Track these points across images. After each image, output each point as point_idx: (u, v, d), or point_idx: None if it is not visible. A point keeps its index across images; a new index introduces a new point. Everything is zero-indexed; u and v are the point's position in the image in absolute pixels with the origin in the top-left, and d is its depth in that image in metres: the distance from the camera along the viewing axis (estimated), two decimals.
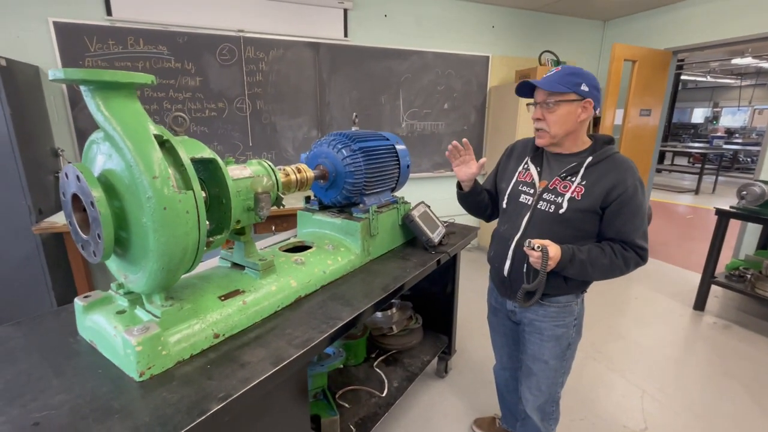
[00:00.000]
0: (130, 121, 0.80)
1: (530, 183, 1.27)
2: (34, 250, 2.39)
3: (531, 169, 1.28)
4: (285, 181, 1.29)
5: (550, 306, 1.27)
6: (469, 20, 3.84)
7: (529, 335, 1.34)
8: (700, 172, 8.20)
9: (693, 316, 2.92)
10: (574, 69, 1.16)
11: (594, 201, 1.14)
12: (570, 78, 1.14)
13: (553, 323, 1.27)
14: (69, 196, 0.88)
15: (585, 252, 1.15)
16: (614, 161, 1.17)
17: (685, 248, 4.46)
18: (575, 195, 1.16)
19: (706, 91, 14.81)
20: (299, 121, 3.35)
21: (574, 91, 1.13)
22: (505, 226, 1.32)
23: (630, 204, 1.14)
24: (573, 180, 1.18)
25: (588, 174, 1.17)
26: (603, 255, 1.15)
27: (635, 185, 1.14)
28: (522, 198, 1.27)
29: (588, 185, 1.16)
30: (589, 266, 1.15)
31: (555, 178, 1.21)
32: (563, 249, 1.14)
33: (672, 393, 2.08)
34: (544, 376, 1.33)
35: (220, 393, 0.81)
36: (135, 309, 0.97)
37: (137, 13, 2.72)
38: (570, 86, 1.13)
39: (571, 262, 1.14)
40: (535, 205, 1.22)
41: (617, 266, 1.16)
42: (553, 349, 1.29)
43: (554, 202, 1.19)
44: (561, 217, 1.17)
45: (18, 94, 2.28)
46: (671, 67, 3.97)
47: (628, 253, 1.16)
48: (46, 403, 0.78)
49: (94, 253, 0.86)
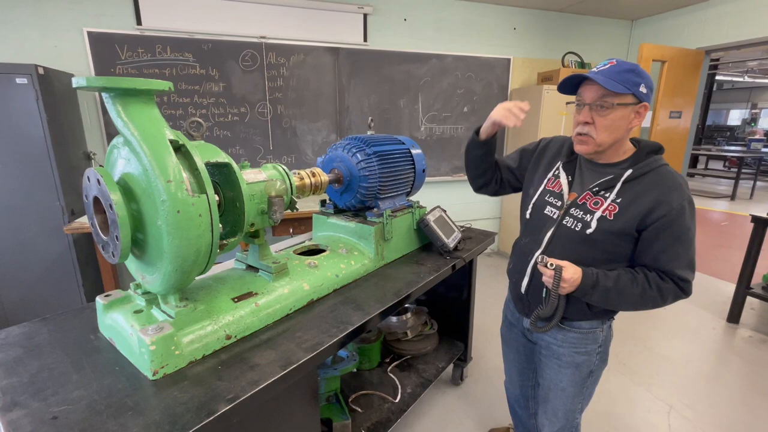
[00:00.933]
0: (147, 126, 0.83)
1: (558, 194, 1.12)
2: (66, 249, 2.51)
3: (561, 177, 1.13)
4: (299, 185, 1.31)
5: (570, 331, 1.13)
6: (489, 22, 3.79)
7: (546, 359, 1.21)
8: (737, 177, 7.79)
9: (726, 328, 2.77)
10: (632, 65, 0.97)
11: (628, 223, 0.99)
12: (629, 76, 0.95)
13: (573, 350, 1.14)
14: (91, 199, 0.91)
15: (612, 278, 1.01)
16: (659, 176, 1.00)
17: (719, 257, 4.24)
18: (606, 214, 1.01)
19: (744, 92, 14.11)
20: (318, 125, 3.40)
21: (633, 93, 0.95)
22: (527, 239, 1.19)
23: (672, 228, 0.97)
24: (606, 196, 1.02)
25: (625, 190, 1.01)
26: (634, 284, 1.00)
27: (682, 206, 0.97)
28: (547, 210, 1.13)
29: (623, 204, 1.00)
30: (616, 295, 1.01)
31: (586, 192, 1.06)
32: (585, 273, 1.00)
33: (702, 410, 1.97)
34: (560, 403, 1.22)
35: (229, 394, 0.82)
36: (151, 309, 1.00)
37: (165, 21, 2.82)
38: (629, 86, 0.95)
39: (593, 288, 1.00)
40: (561, 220, 1.08)
41: (650, 298, 1.01)
42: (572, 376, 1.17)
43: (582, 219, 1.04)
44: (588, 237, 1.03)
45: (54, 101, 2.40)
46: (704, 67, 3.81)
47: (665, 284, 1.00)
48: (65, 398, 0.81)
49: (113, 254, 0.89)
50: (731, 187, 7.87)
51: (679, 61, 3.63)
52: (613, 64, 0.98)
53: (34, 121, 2.27)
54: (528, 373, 1.40)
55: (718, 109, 14.92)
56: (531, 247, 1.16)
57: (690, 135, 3.99)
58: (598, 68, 0.99)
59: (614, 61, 0.99)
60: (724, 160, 10.66)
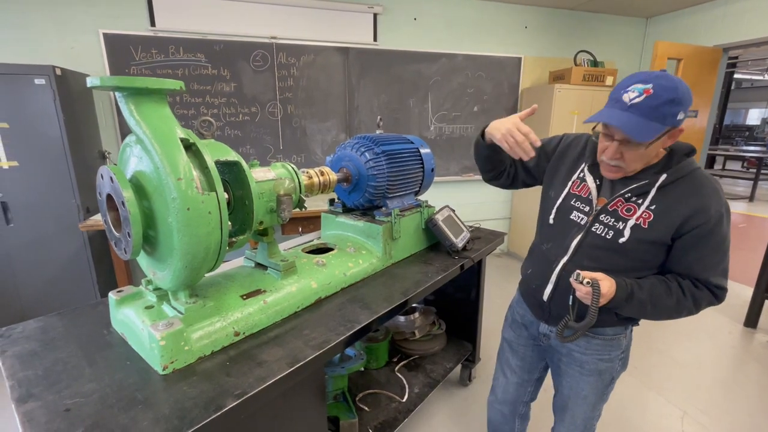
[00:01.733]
0: (158, 125, 0.84)
1: (586, 199, 1.04)
2: (82, 246, 2.57)
3: (588, 180, 1.05)
4: (308, 184, 1.31)
5: (594, 338, 1.09)
6: (500, 21, 3.76)
7: (566, 366, 1.15)
8: (756, 178, 7.60)
9: (744, 333, 2.70)
10: (672, 93, 0.83)
11: (664, 232, 0.93)
12: (667, 109, 0.84)
13: (596, 357, 1.10)
14: (104, 196, 0.93)
15: (647, 290, 0.96)
16: (695, 181, 0.93)
17: (736, 259, 4.12)
18: (641, 222, 0.95)
19: (763, 91, 13.73)
20: (328, 125, 3.41)
21: (671, 125, 0.86)
22: (549, 245, 1.11)
23: (711, 237, 0.92)
24: (639, 203, 0.96)
25: (660, 196, 0.94)
26: (668, 294, 0.95)
27: (720, 214, 0.91)
28: (573, 215, 1.05)
29: (658, 211, 0.94)
30: (650, 306, 0.96)
31: (617, 198, 0.99)
32: (619, 284, 0.94)
33: (717, 416, 1.92)
34: (580, 411, 1.17)
35: (236, 390, 0.83)
36: (162, 305, 1.02)
37: (178, 23, 2.87)
38: (668, 121, 0.85)
39: (627, 300, 0.95)
40: (589, 227, 1.02)
41: (685, 307, 0.96)
42: (595, 383, 1.12)
43: (614, 227, 0.98)
44: (621, 246, 0.97)
45: (71, 101, 2.46)
46: (721, 65, 3.71)
47: (700, 292, 0.96)
48: (77, 391, 0.83)
49: (125, 250, 0.91)
50: (750, 188, 7.69)
51: (695, 59, 3.55)
52: (649, 95, 0.84)
53: (51, 120, 2.33)
54: (526, 387, 1.33)
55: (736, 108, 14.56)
56: (556, 253, 1.09)
57: (707, 134, 3.90)
58: (630, 99, 0.85)
59: (651, 89, 0.84)
60: (743, 161, 10.40)
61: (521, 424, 1.42)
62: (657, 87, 0.84)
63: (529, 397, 1.37)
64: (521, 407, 1.38)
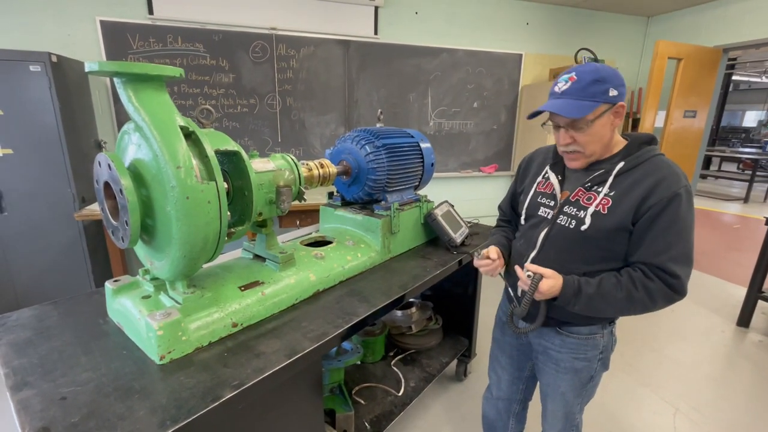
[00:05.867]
0: (158, 112, 0.83)
1: (550, 194, 1.09)
2: (77, 236, 2.55)
3: (551, 177, 1.10)
4: (307, 176, 1.30)
5: (569, 336, 1.09)
6: (502, 17, 3.75)
7: (543, 364, 1.18)
8: (751, 179, 7.64)
9: (736, 332, 2.72)
10: (593, 74, 0.93)
11: (623, 216, 0.94)
12: (594, 88, 0.92)
13: (571, 355, 1.10)
14: (101, 184, 0.92)
15: (594, 284, 0.96)
16: (653, 165, 0.96)
17: (730, 260, 4.17)
18: (600, 209, 0.97)
19: (761, 93, 13.78)
20: (327, 118, 3.39)
21: (603, 101, 0.93)
22: (521, 241, 1.16)
23: (663, 216, 0.91)
24: (599, 190, 0.99)
25: (618, 183, 0.97)
26: (618, 288, 0.94)
27: (674, 193, 0.91)
28: (541, 211, 1.10)
29: (616, 196, 0.96)
30: (600, 301, 0.95)
31: (578, 189, 1.02)
32: (566, 281, 0.97)
33: (709, 414, 1.95)
34: (559, 405, 1.18)
35: (234, 381, 0.82)
36: (159, 295, 1.01)
37: (177, 12, 2.83)
38: (598, 97, 0.92)
39: (576, 296, 0.96)
40: (555, 220, 1.05)
41: (638, 300, 0.94)
42: (571, 381, 1.13)
43: (575, 216, 1.01)
44: (583, 235, 0.99)
45: (67, 89, 2.43)
46: (721, 66, 3.72)
47: (652, 283, 0.93)
48: (73, 379, 0.82)
49: (122, 239, 0.90)
50: (744, 189, 7.72)
51: (695, 59, 3.55)
52: (574, 81, 0.94)
53: (46, 108, 2.30)
54: (518, 385, 1.34)
55: (733, 110, 14.61)
56: (526, 247, 1.12)
57: (704, 135, 3.92)
58: (560, 88, 0.96)
59: (574, 75, 0.95)
60: (738, 162, 10.46)
61: (517, 424, 1.42)
62: (579, 73, 0.95)
63: (522, 395, 1.37)
64: (516, 405, 1.38)
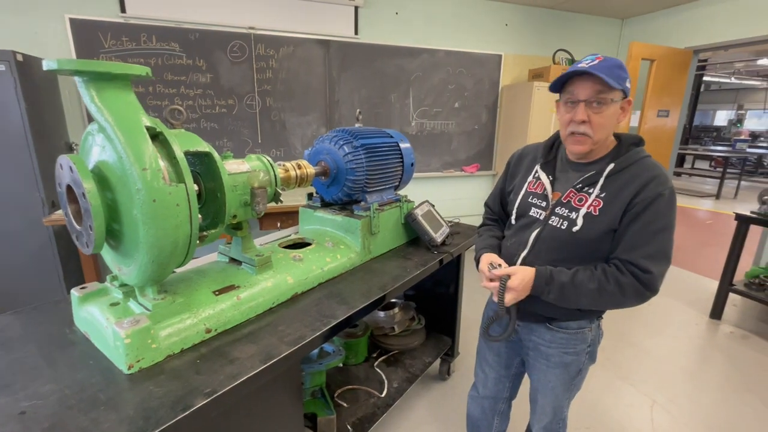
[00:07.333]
0: (122, 112, 0.80)
1: (542, 195, 1.09)
2: (47, 242, 2.45)
3: (542, 178, 1.11)
4: (284, 177, 1.28)
5: (558, 332, 1.10)
6: (481, 18, 3.78)
7: (534, 360, 1.18)
8: (722, 176, 7.93)
9: (709, 324, 2.81)
10: (618, 61, 0.95)
11: (614, 217, 0.96)
12: (619, 72, 0.93)
13: (561, 350, 1.11)
14: (64, 187, 0.88)
15: (568, 274, 0.98)
16: (642, 167, 0.97)
17: (703, 254, 4.32)
18: (592, 210, 0.98)
19: (730, 93, 14.34)
20: (308, 119, 3.36)
21: (622, 89, 0.94)
22: (512, 241, 1.15)
23: (642, 215, 0.94)
24: (590, 192, 1.00)
25: (609, 184, 0.98)
26: (591, 279, 0.97)
27: (656, 193, 0.93)
28: (532, 211, 1.10)
29: (607, 198, 0.97)
30: (572, 291, 0.98)
31: (570, 190, 1.03)
32: (539, 271, 1.00)
33: (684, 405, 2.00)
34: (549, 401, 1.20)
35: (206, 388, 0.80)
36: (128, 301, 0.97)
37: (150, 10, 2.76)
38: (620, 82, 0.93)
39: (548, 284, 0.99)
40: (547, 221, 1.06)
41: (608, 293, 0.96)
42: (561, 375, 1.14)
43: (568, 218, 1.01)
44: (575, 236, 1.00)
45: (34, 89, 2.33)
46: (692, 66, 3.84)
47: (623, 278, 0.95)
48: (35, 392, 0.78)
49: (87, 245, 0.86)
50: (716, 186, 8.02)
51: (667, 60, 3.66)
52: (601, 60, 0.94)
53: (12, 109, 2.20)
54: (505, 383, 1.34)
55: (705, 110, 15.14)
56: (517, 248, 1.12)
57: (677, 134, 4.04)
58: (588, 64, 0.94)
59: (601, 56, 0.96)
60: (710, 160, 10.84)
61: (501, 423, 1.43)
62: (605, 56, 0.97)
63: (508, 393, 1.37)
64: (501, 404, 1.39)
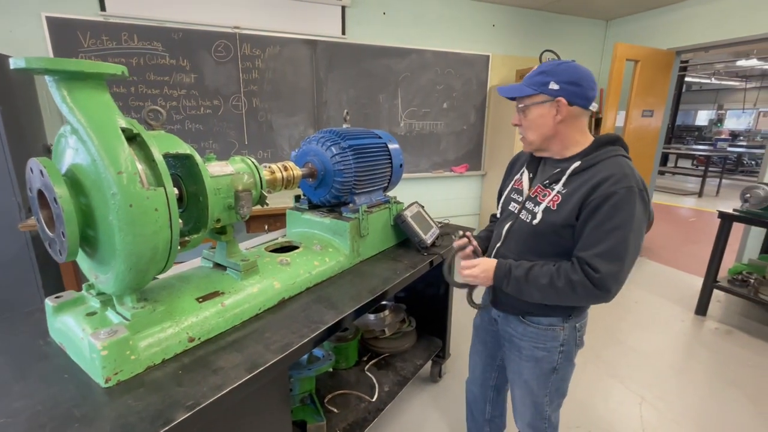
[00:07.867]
0: (96, 113, 0.76)
1: (520, 190, 1.17)
2: (24, 248, 2.36)
3: (524, 175, 1.19)
4: (270, 179, 1.25)
5: (529, 325, 1.15)
6: (469, 19, 3.79)
7: (509, 351, 1.24)
8: (704, 175, 8.11)
9: (695, 321, 2.86)
10: (546, 66, 1.03)
11: (569, 212, 0.99)
12: (537, 78, 1.02)
13: (532, 344, 1.16)
14: (35, 192, 0.84)
15: (525, 268, 1.04)
16: (605, 165, 0.99)
17: (687, 252, 4.40)
18: (551, 204, 1.03)
19: (711, 94, 14.70)
20: (295, 120, 3.32)
21: (541, 92, 1.01)
22: (494, 234, 1.25)
23: (598, 212, 0.94)
24: (554, 187, 1.05)
25: (572, 181, 1.02)
26: (544, 274, 1.01)
27: (612, 192, 0.93)
28: (511, 206, 1.18)
29: (566, 194, 1.01)
30: (526, 285, 1.03)
31: (538, 185, 1.10)
32: (499, 263, 1.08)
33: (672, 401, 2.02)
34: (525, 393, 1.23)
35: (188, 401, 0.76)
36: (106, 311, 0.93)
37: (131, 9, 2.68)
38: (537, 87, 1.01)
39: (506, 277, 1.06)
40: (519, 215, 1.13)
41: (559, 290, 0.98)
42: (533, 369, 1.18)
43: (531, 212, 1.08)
44: (535, 229, 1.06)
45: (9, 90, 2.25)
46: (674, 67, 3.91)
47: (575, 275, 0.96)
48: (3, 410, 0.74)
49: (59, 252, 0.82)
50: (699, 184, 8.19)
51: (651, 61, 3.72)
52: (533, 69, 1.06)
53: None
54: (490, 372, 1.39)
55: (687, 110, 15.50)
56: (495, 240, 1.23)
57: (661, 134, 4.11)
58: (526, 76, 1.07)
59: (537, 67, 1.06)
60: (693, 159, 11.09)
61: (493, 409, 1.46)
62: (540, 65, 1.05)
63: (495, 382, 1.41)
64: (490, 392, 1.43)
